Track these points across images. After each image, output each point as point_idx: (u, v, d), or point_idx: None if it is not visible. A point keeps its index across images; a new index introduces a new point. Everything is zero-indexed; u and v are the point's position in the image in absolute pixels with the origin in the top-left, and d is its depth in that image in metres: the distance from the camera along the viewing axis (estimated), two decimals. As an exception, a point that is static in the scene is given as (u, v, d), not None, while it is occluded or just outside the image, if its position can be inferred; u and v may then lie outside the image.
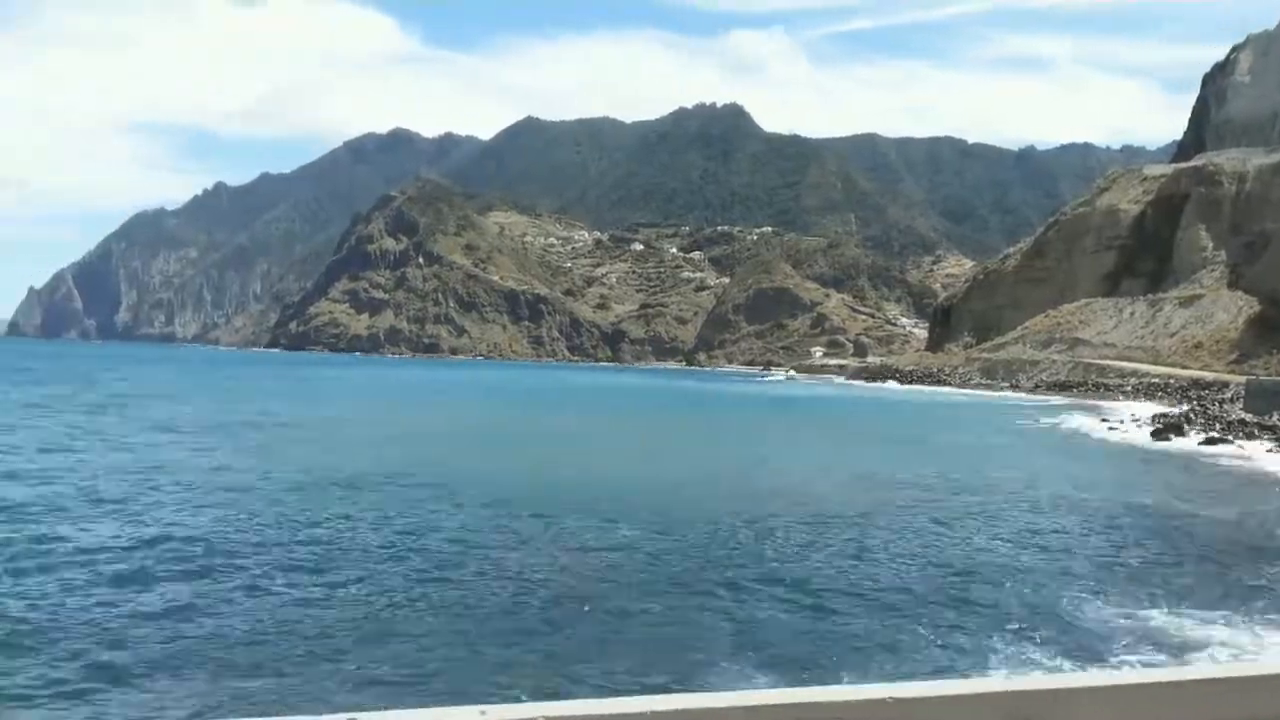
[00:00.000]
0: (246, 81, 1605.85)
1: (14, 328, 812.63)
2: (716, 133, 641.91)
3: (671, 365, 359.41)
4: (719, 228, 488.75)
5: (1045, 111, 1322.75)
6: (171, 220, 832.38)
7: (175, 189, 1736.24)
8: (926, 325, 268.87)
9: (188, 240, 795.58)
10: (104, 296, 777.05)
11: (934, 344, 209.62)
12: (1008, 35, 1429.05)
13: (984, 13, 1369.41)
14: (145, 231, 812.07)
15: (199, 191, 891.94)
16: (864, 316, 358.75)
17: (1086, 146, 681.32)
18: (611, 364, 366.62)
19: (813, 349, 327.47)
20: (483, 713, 4.59)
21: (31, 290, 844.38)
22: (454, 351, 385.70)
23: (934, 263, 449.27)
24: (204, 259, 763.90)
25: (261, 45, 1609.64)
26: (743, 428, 69.85)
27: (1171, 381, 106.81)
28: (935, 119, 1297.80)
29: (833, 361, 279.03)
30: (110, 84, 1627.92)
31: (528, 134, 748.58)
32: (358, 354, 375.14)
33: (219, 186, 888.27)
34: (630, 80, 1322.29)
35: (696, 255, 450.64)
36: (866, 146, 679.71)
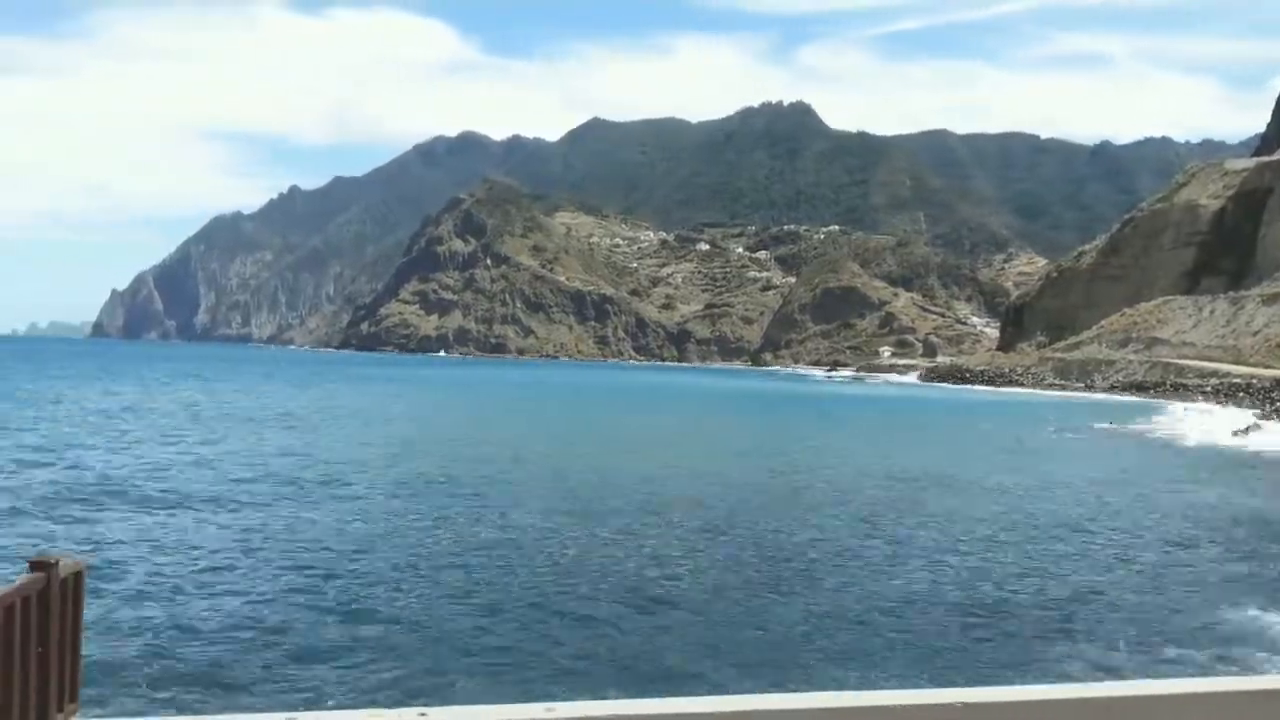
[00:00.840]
0: (314, 89, 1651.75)
1: (98, 329, 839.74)
2: (783, 131, 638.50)
3: (737, 365, 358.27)
4: (785, 227, 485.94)
5: (1110, 108, 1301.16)
6: (248, 224, 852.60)
7: (251, 194, 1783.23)
8: (998, 324, 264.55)
9: (263, 243, 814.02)
10: (183, 298, 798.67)
11: (1006, 344, 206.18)
12: (1058, 33, 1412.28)
13: (1031, 11, 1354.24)
14: (223, 235, 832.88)
15: (274, 195, 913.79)
16: (933, 316, 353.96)
17: (1165, 141, 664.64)
18: (677, 364, 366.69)
19: (880, 349, 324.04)
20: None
21: (114, 292, 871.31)
22: (520, 352, 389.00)
23: (1006, 261, 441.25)
24: (279, 261, 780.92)
25: (325, 54, 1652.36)
26: (820, 429, 69.20)
27: (1254, 382, 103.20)
28: (994, 116, 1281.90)
29: (901, 361, 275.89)
30: (182, 93, 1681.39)
31: (594, 135, 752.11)
32: (434, 354, 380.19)
33: (293, 190, 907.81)
34: (696, 81, 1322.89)
35: (763, 255, 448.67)
36: (936, 143, 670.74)
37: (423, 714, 4.72)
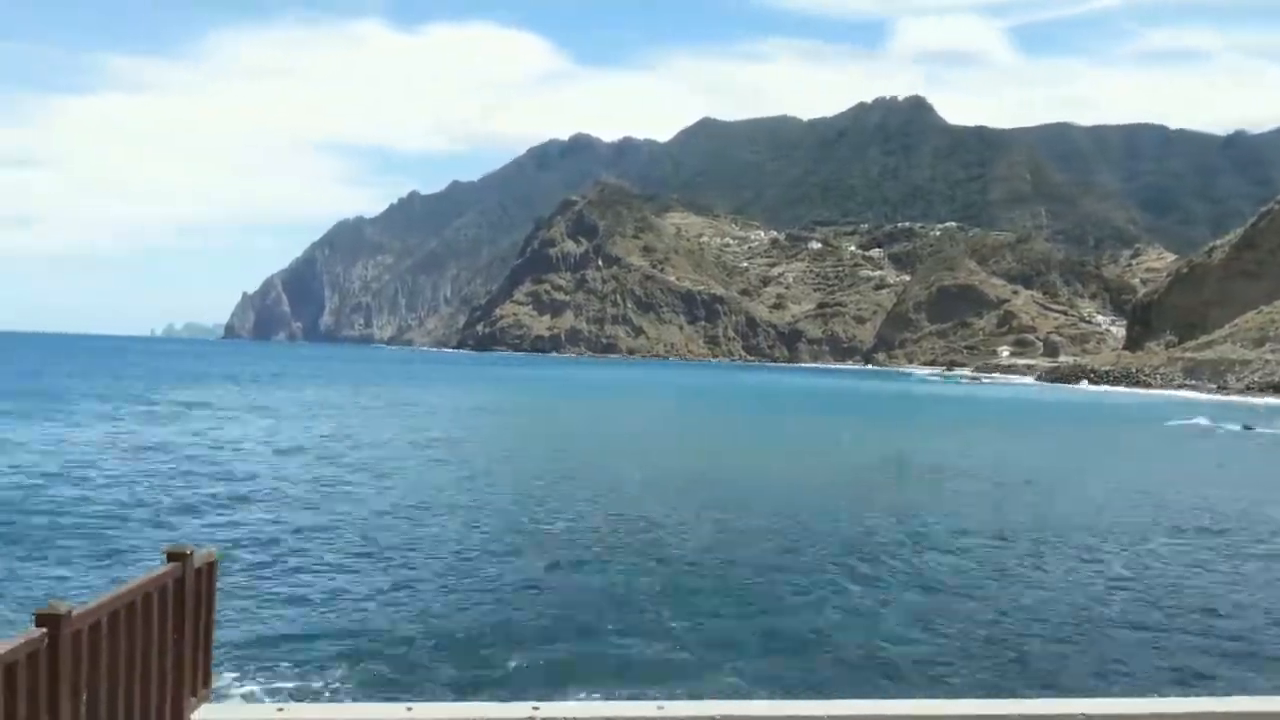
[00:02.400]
0: (421, 100, 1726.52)
1: (230, 330, 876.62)
2: (897, 127, 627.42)
3: (849, 365, 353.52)
4: (899, 224, 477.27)
5: (1232, 100, 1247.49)
6: (369, 228, 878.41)
7: (369, 201, 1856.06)
8: (1124, 323, 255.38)
9: (384, 246, 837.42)
10: (309, 300, 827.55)
11: (1132, 343, 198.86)
12: (1147, 29, 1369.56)
13: (1121, 8, 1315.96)
14: (346, 238, 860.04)
15: (394, 200, 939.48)
16: (1055, 314, 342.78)
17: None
18: (788, 364, 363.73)
19: (999, 348, 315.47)
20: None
21: (245, 295, 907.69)
22: (631, 351, 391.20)
23: (1132, 257, 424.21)
24: (399, 264, 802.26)
25: (428, 68, 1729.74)
26: (950, 432, 67.34)
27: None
28: (1107, 110, 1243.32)
29: (1020, 361, 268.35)
30: (296, 109, 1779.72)
31: (705, 135, 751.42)
32: (546, 354, 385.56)
33: (412, 195, 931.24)
34: (808, 78, 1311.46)
35: (876, 253, 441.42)
36: (1057, 136, 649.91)
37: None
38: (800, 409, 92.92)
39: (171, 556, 5.29)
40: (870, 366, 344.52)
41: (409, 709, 5.55)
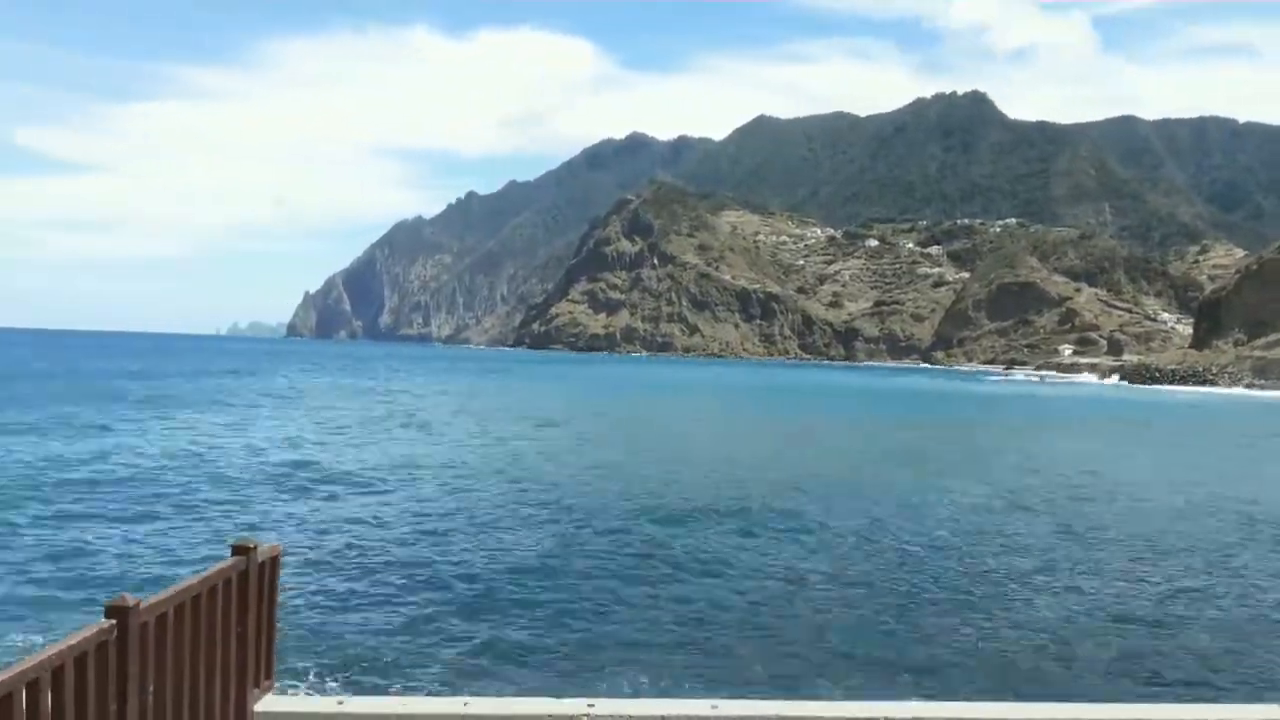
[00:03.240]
0: (474, 104, 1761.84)
1: (292, 329, 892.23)
2: (957, 122, 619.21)
3: (907, 364, 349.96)
4: (959, 221, 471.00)
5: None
6: (428, 228, 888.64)
7: (426, 204, 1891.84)
8: (1190, 321, 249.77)
9: (443, 246, 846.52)
10: (369, 299, 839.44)
11: (1199, 341, 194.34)
12: (1188, 26, 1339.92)
13: (1165, 5, 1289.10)
14: (405, 239, 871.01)
15: (452, 201, 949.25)
16: (1119, 312, 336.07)
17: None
18: (844, 362, 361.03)
19: (1061, 347, 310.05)
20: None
21: (307, 295, 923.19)
22: (686, 350, 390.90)
23: (1200, 253, 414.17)
24: (457, 264, 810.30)
25: (479, 72, 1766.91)
26: (1030, 438, 66.33)
27: None
28: (1170, 105, 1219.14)
29: (1083, 360, 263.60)
30: (351, 114, 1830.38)
31: (760, 133, 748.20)
32: (601, 352, 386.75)
33: (470, 195, 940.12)
34: (863, 76, 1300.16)
35: (934, 250, 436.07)
36: (1122, 130, 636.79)
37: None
38: (884, 410, 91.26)
39: (236, 550, 5.40)
40: (928, 365, 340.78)
41: (465, 703, 5.66)
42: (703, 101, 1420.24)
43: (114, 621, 4.13)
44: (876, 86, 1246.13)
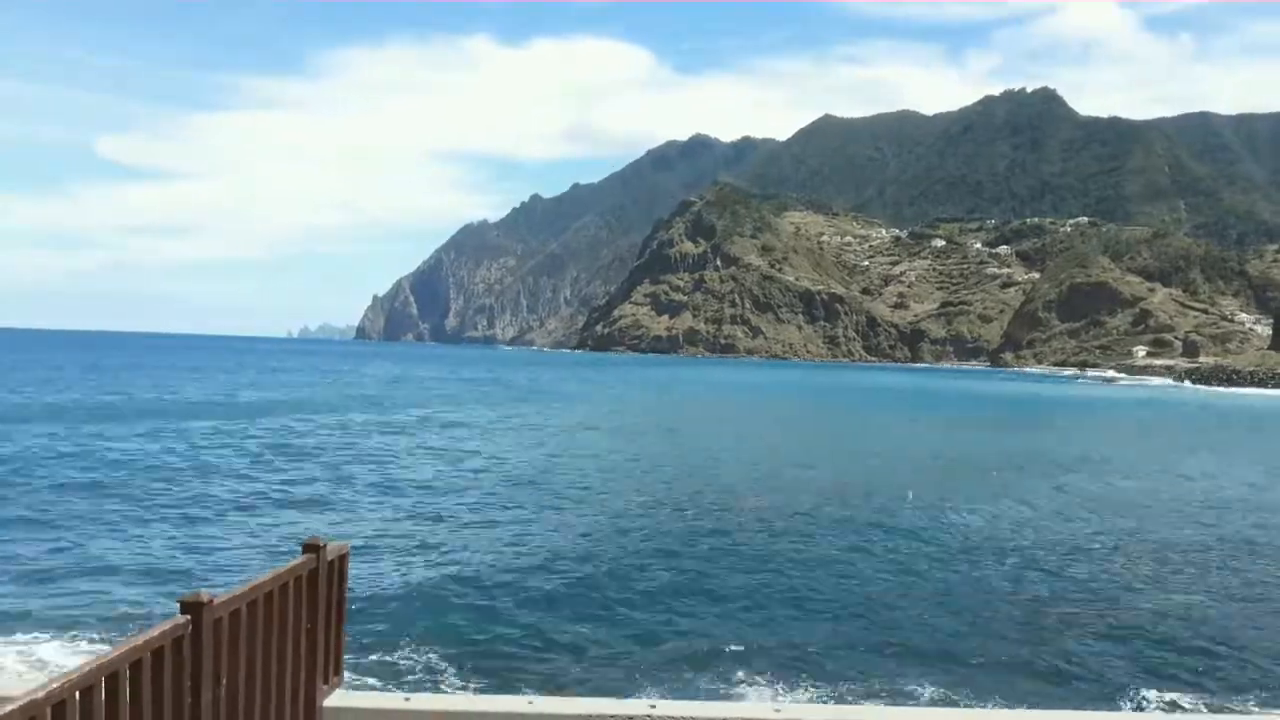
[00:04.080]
0: (539, 108, 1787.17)
1: (360, 332, 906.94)
2: (1026, 120, 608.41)
3: (974, 365, 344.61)
4: (1028, 220, 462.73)
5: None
6: (492, 231, 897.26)
7: (490, 208, 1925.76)
8: (1270, 321, 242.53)
9: (507, 249, 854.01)
10: (435, 302, 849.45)
11: (1279, 342, 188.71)
12: (1245, 23, 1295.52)
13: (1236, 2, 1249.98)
14: (470, 242, 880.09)
15: (516, 204, 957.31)
16: (1195, 312, 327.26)
17: None
18: (910, 364, 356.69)
19: (1134, 348, 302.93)
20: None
21: (375, 298, 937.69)
22: (749, 352, 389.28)
23: (1279, 251, 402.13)
24: (520, 266, 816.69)
25: (541, 78, 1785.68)
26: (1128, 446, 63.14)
27: None
28: (1248, 99, 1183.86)
29: (1157, 362, 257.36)
30: (416, 121, 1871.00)
31: (825, 133, 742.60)
32: (665, 354, 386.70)
33: (534, 199, 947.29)
34: (930, 73, 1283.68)
35: (1003, 250, 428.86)
36: (1198, 126, 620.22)
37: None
38: (966, 413, 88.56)
39: (306, 548, 5.49)
40: (995, 367, 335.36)
41: (530, 702, 5.72)
42: (765, 103, 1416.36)
43: (189, 617, 4.23)
44: (943, 85, 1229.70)
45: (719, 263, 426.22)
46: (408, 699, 5.90)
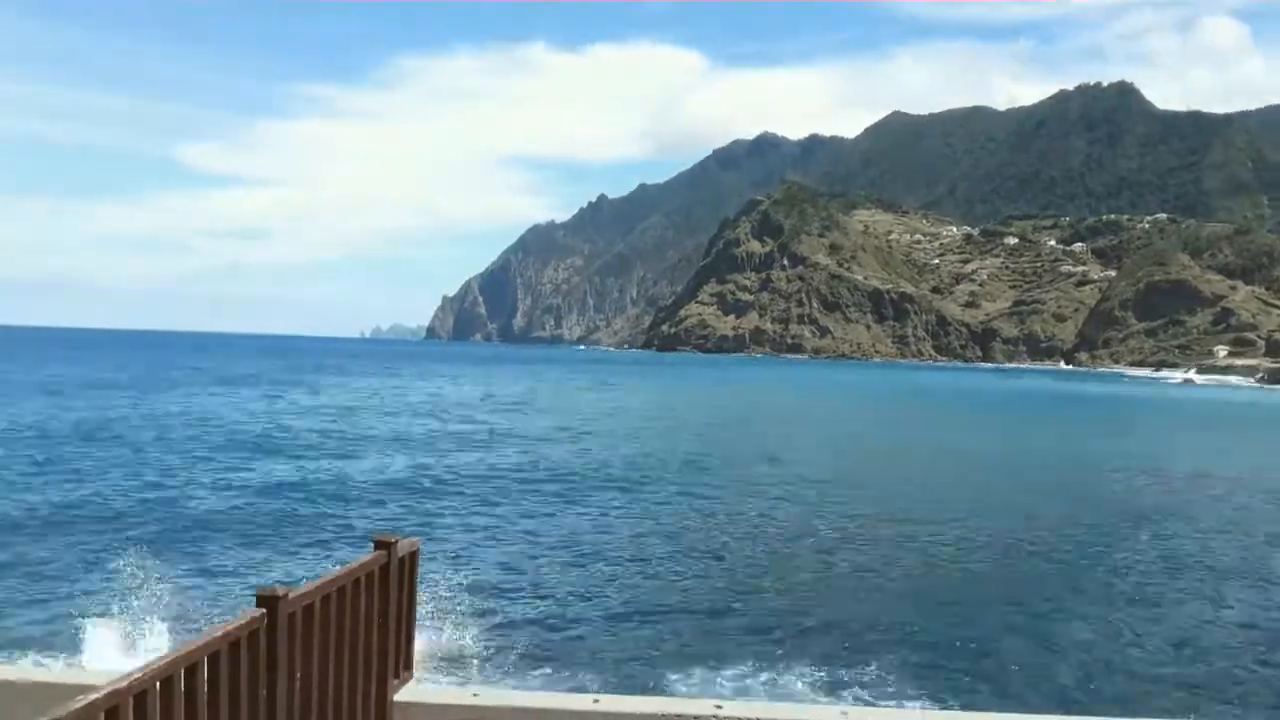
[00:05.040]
0: (601, 112, 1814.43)
1: (430, 332, 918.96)
2: (1102, 114, 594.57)
3: (1048, 365, 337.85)
4: (1104, 217, 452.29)
5: None
6: (560, 232, 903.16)
7: (560, 208, 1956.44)
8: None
9: (574, 249, 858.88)
10: (503, 302, 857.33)
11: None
12: None
13: None
14: (538, 243, 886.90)
15: (583, 205, 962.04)
16: (1278, 311, 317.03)
17: None
18: (982, 364, 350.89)
19: (1215, 348, 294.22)
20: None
21: (445, 298, 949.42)
22: (817, 352, 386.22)
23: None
24: (588, 266, 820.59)
25: (601, 83, 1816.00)
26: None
27: None
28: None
29: (1240, 362, 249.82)
30: (482, 127, 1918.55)
31: (895, 130, 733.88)
32: (731, 354, 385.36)
33: (601, 199, 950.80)
34: (1002, 68, 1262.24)
35: (1078, 247, 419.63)
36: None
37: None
38: (1080, 420, 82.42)
39: (378, 544, 5.56)
40: (1071, 367, 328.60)
41: (595, 700, 5.77)
42: (833, 100, 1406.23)
43: (264, 610, 4.31)
44: (1016, 80, 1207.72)
45: (786, 262, 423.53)
46: (475, 695, 5.97)
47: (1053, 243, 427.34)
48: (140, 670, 3.47)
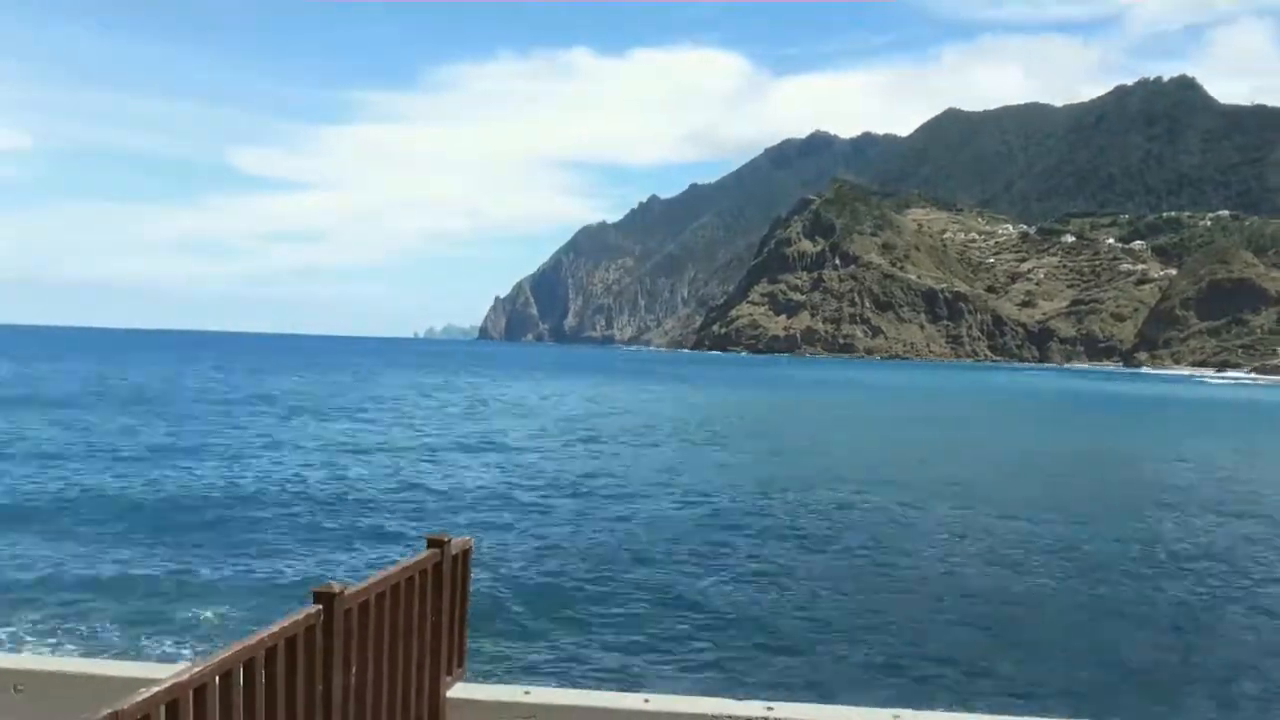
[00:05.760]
0: (648, 114, 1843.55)
1: (483, 332, 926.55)
2: (1162, 109, 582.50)
3: (1107, 366, 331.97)
4: (1164, 214, 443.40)
5: None
6: (611, 233, 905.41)
7: (610, 210, 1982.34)
8: None
9: (625, 250, 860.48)
10: (554, 303, 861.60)
11: None
12: None
13: None
14: (589, 244, 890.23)
15: (634, 205, 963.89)
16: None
17: None
18: (1038, 365, 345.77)
19: (1279, 348, 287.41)
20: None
21: (497, 299, 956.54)
22: (869, 352, 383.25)
23: None
24: (639, 267, 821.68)
25: (645, 86, 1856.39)
26: None
27: None
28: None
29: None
30: (528, 131, 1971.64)
31: (949, 127, 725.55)
32: (782, 354, 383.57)
33: (652, 200, 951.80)
34: (1059, 64, 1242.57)
35: (1137, 245, 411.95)
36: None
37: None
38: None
39: (431, 543, 5.64)
40: (1126, 367, 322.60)
41: (646, 700, 5.82)
42: (886, 98, 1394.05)
43: (320, 607, 4.37)
44: (1073, 76, 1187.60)
45: (838, 261, 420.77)
46: (527, 692, 6.02)
47: (1111, 241, 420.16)
48: (200, 664, 3.54)
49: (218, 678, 3.61)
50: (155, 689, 3.22)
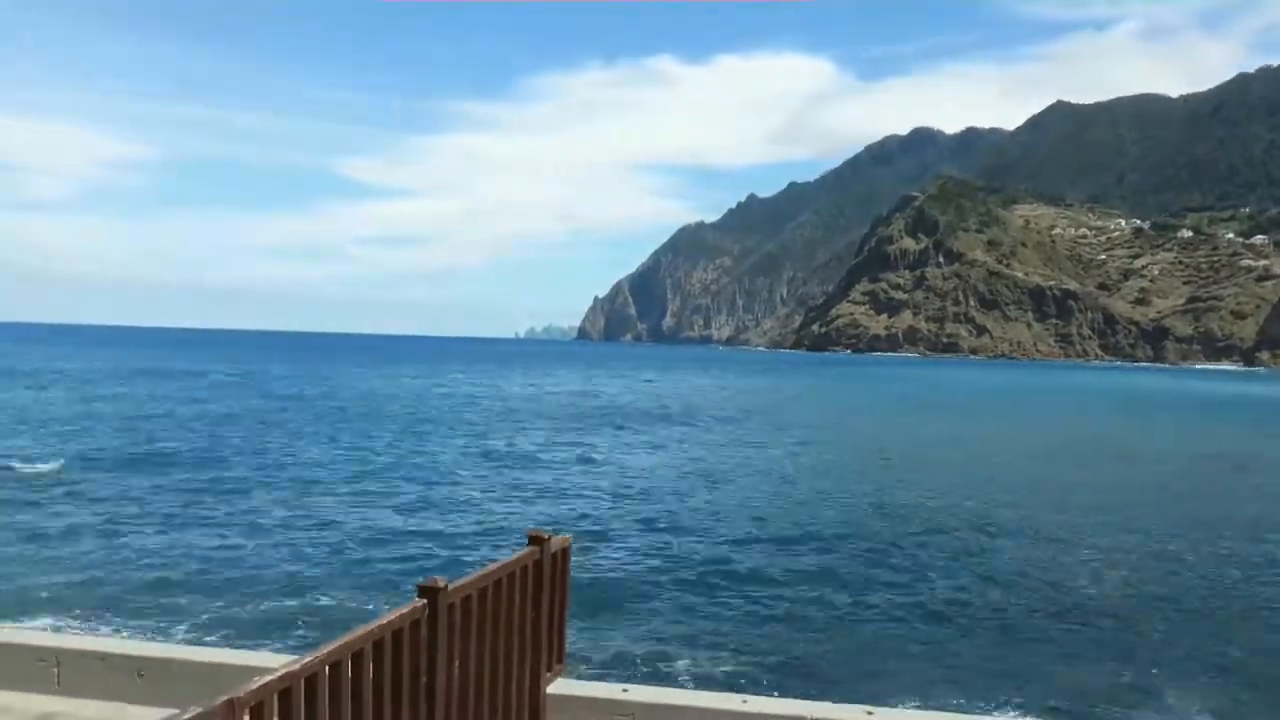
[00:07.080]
0: (740, 116, 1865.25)
1: (582, 332, 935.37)
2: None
3: (1226, 366, 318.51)
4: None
5: None
6: (710, 233, 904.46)
7: (707, 211, 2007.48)
8: None
9: (723, 250, 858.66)
10: (653, 303, 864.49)
11: None
12: None
13: None
14: (687, 244, 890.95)
15: (733, 205, 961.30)
16: None
17: None
18: (1153, 364, 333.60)
19: None
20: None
21: (596, 299, 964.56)
22: (973, 351, 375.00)
23: None
24: (737, 266, 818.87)
25: (731, 88, 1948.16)
26: None
27: None
28: None
29: None
30: (619, 137, 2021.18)
31: (1057, 119, 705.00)
32: (884, 354, 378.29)
33: (750, 199, 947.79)
34: (1175, 53, 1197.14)
35: (1259, 240, 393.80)
36: None
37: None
38: None
39: (532, 540, 5.71)
40: (1247, 367, 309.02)
41: (744, 701, 5.84)
42: (991, 92, 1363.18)
43: (425, 601, 4.46)
44: (1190, 64, 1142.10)
45: (941, 259, 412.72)
46: (625, 690, 6.05)
47: (1231, 235, 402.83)
48: (310, 655, 3.65)
49: (327, 668, 3.71)
50: (268, 677, 3.32)
